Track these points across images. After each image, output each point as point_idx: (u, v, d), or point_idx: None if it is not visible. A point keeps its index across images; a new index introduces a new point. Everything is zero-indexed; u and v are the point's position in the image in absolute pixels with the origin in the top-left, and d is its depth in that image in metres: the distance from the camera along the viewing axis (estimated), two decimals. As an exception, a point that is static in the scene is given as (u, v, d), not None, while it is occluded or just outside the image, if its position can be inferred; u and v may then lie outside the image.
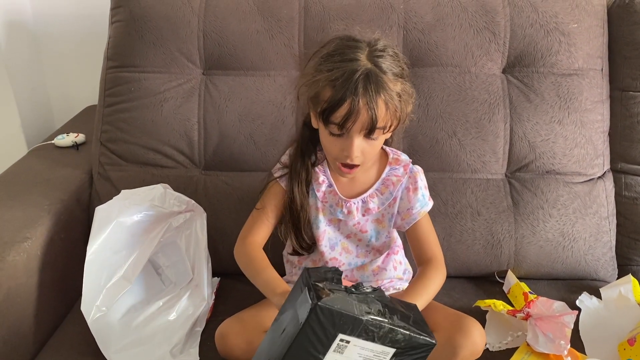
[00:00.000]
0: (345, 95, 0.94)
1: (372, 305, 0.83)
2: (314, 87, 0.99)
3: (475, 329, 1.00)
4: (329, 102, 0.95)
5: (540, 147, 1.35)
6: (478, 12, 1.36)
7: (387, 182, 1.13)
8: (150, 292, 1.22)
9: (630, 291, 1.24)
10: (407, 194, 1.13)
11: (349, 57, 0.97)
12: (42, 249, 1.17)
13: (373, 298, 0.86)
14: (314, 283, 0.83)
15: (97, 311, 1.09)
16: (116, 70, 1.40)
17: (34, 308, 1.14)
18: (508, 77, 1.37)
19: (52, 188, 1.32)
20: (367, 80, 0.94)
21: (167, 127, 1.36)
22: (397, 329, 0.82)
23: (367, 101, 0.94)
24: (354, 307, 0.81)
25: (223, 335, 1.03)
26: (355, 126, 0.96)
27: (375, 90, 0.94)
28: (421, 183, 1.15)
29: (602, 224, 1.35)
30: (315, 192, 1.13)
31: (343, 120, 0.95)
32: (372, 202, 1.12)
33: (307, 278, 0.85)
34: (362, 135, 0.99)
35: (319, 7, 1.37)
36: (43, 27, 1.76)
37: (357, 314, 0.80)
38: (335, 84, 0.95)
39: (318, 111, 0.98)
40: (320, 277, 0.86)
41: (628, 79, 1.38)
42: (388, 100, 0.96)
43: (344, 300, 0.82)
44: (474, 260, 1.33)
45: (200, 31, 1.37)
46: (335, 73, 0.96)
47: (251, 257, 1.10)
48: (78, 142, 1.53)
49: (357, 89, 0.93)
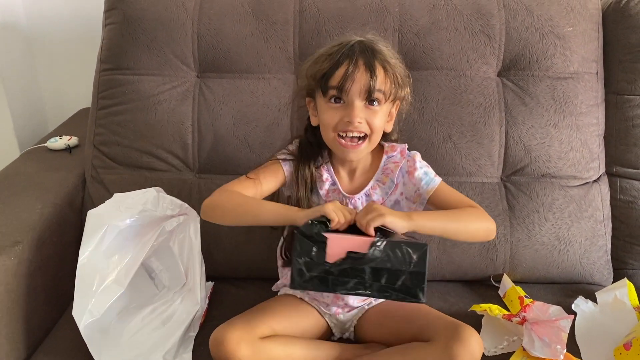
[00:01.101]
0: (342, 59, 0.99)
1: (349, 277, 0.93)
2: (313, 68, 1.05)
3: (472, 338, 0.99)
4: (329, 67, 1.01)
5: (536, 151, 1.34)
6: (473, 16, 1.35)
7: (386, 171, 1.14)
8: (143, 297, 1.21)
9: (626, 295, 1.24)
10: (409, 178, 1.14)
11: (345, 40, 1.05)
12: (33, 253, 1.16)
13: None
14: (297, 259, 0.93)
15: (89, 316, 1.07)
16: (110, 73, 1.39)
17: (25, 313, 1.13)
18: (503, 81, 1.37)
19: (44, 191, 1.31)
20: (364, 46, 1.01)
21: (161, 130, 1.35)
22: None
23: (365, 62, 0.99)
24: (328, 283, 0.93)
25: (218, 342, 1.01)
26: (354, 87, 1.00)
27: (372, 53, 1.00)
28: (420, 164, 1.14)
29: (598, 228, 1.35)
30: (318, 191, 1.13)
31: (342, 81, 0.99)
32: (375, 194, 1.13)
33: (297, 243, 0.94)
34: (363, 101, 1.02)
35: (314, 10, 1.37)
36: (36, 29, 1.76)
37: (330, 289, 0.94)
38: (332, 55, 1.01)
39: (317, 78, 1.02)
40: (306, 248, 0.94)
41: (623, 82, 1.38)
42: (385, 63, 1.01)
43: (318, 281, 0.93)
44: (469, 264, 1.33)
45: (194, 34, 1.37)
46: (332, 49, 1.03)
47: (241, 195, 1.06)
48: (71, 145, 1.52)
49: (354, 52, 0.99)
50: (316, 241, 0.94)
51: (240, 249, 1.32)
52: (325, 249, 0.93)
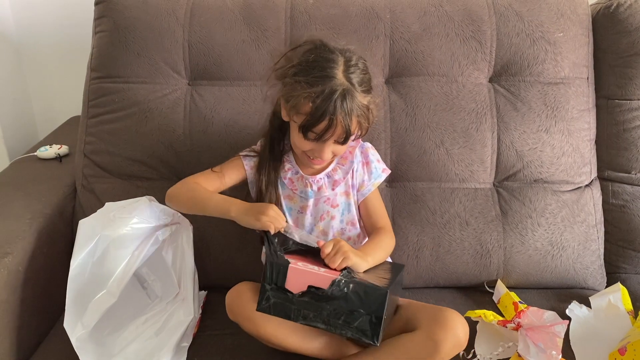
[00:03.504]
0: (325, 113, 1.03)
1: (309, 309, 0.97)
2: (294, 98, 1.07)
3: (456, 321, 1.01)
4: (311, 117, 1.04)
5: (528, 156, 1.35)
6: (464, 22, 1.36)
7: (345, 154, 1.21)
8: (135, 307, 1.19)
9: (620, 300, 1.24)
10: (361, 167, 1.22)
11: (327, 74, 1.05)
12: (23, 265, 1.14)
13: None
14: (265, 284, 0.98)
15: (81, 328, 1.06)
16: (100, 81, 1.38)
17: (16, 325, 1.11)
18: (495, 86, 1.37)
19: (34, 201, 1.29)
20: (344, 99, 1.04)
21: (152, 139, 1.34)
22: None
23: (343, 118, 1.04)
24: (290, 312, 0.97)
25: (239, 292, 1.08)
26: (332, 138, 1.08)
27: (350, 108, 1.05)
28: (373, 157, 1.23)
29: (590, 232, 1.35)
30: (283, 181, 1.20)
31: (322, 133, 1.06)
32: (336, 174, 1.20)
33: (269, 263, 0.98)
34: (334, 142, 1.10)
35: (305, 17, 1.36)
36: (25, 37, 1.74)
37: (292, 318, 0.97)
38: (316, 101, 1.04)
39: (299, 124, 1.07)
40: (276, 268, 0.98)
41: (613, 87, 1.38)
42: (360, 115, 1.07)
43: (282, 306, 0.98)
44: (463, 270, 1.33)
45: (185, 41, 1.36)
46: (315, 89, 1.04)
47: (196, 187, 1.16)
48: (61, 154, 1.51)
49: (335, 109, 1.03)
50: (280, 266, 0.98)
51: (233, 257, 1.32)
52: (286, 273, 0.97)
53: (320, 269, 1.00)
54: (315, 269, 1.00)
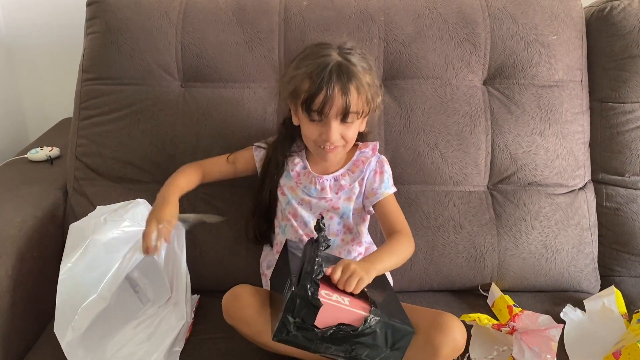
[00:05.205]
0: (321, 85, 1.06)
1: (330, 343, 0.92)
2: (293, 83, 1.11)
3: (454, 326, 1.00)
4: (308, 93, 1.08)
5: (522, 159, 1.34)
6: (458, 24, 1.36)
7: (357, 163, 1.22)
8: (127, 311, 1.18)
9: (614, 303, 1.24)
10: (374, 176, 1.21)
11: (322, 54, 1.11)
12: (13, 268, 1.13)
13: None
14: (287, 316, 0.90)
15: (72, 332, 1.04)
16: (92, 83, 1.37)
17: (5, 330, 1.10)
18: (489, 89, 1.37)
19: (24, 204, 1.28)
20: (339, 70, 1.08)
21: (145, 141, 1.33)
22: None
23: (341, 87, 1.07)
24: (311, 345, 0.92)
25: (237, 295, 1.07)
26: (332, 111, 1.08)
27: (347, 78, 1.07)
28: (387, 169, 1.23)
29: (584, 235, 1.35)
30: (289, 173, 1.22)
31: (321, 106, 1.08)
32: (343, 179, 1.21)
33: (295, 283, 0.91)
34: (339, 120, 1.10)
35: (299, 19, 1.36)
36: (16, 38, 1.73)
37: (312, 350, 0.93)
38: (312, 76, 1.08)
39: (299, 102, 1.10)
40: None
41: (607, 90, 1.38)
42: (359, 86, 1.09)
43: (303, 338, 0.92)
44: (457, 273, 1.32)
45: (178, 43, 1.35)
46: (310, 67, 1.09)
47: (182, 171, 1.22)
48: (52, 156, 1.49)
49: (331, 78, 1.06)
50: (310, 305, 0.91)
51: (226, 261, 1.31)
52: (317, 314, 0.91)
53: (344, 298, 0.95)
54: (341, 300, 0.94)
